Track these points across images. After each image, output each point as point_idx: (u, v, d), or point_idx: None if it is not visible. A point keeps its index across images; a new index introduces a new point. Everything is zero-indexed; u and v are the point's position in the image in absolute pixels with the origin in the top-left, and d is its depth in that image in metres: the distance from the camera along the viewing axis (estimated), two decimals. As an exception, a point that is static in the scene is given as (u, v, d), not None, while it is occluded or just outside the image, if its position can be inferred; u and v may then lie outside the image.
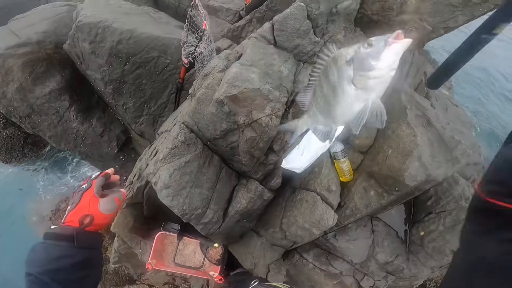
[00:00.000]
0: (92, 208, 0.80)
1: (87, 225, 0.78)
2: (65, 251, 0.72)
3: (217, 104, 1.48)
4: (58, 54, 3.18)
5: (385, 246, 2.13)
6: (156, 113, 3.23)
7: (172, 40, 2.83)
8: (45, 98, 3.14)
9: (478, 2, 2.05)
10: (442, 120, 2.02)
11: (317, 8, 1.93)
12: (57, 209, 4.34)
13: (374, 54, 0.58)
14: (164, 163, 1.78)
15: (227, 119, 1.53)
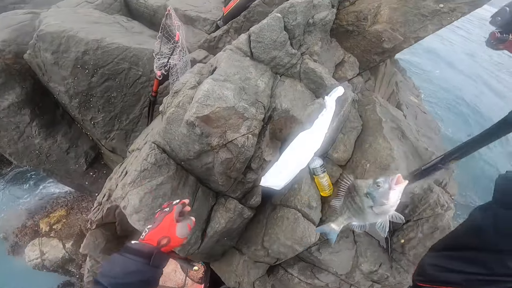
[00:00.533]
0: (170, 231, 0.87)
1: (163, 245, 0.85)
2: (140, 267, 0.78)
3: (188, 126, 1.38)
4: (18, 64, 2.90)
5: (368, 255, 2.13)
6: (128, 128, 3.02)
7: (144, 50, 2.67)
8: (3, 113, 2.86)
9: (446, 11, 2.11)
10: (414, 131, 2.05)
11: (294, 19, 1.89)
12: (23, 225, 4.07)
13: (384, 195, 0.83)
14: (133, 187, 1.64)
15: (199, 141, 1.43)
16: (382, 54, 2.28)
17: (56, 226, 3.97)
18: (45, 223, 3.99)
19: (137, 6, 3.59)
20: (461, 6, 2.04)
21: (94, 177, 3.70)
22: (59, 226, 3.96)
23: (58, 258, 3.65)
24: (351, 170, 1.97)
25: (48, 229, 3.92)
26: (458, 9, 2.06)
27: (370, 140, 1.91)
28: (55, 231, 3.89)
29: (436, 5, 2.06)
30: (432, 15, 2.13)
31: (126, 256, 0.79)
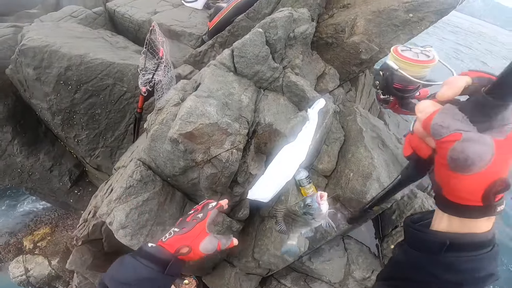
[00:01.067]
0: (195, 241, 0.77)
1: (181, 254, 0.76)
2: (154, 275, 0.71)
3: (171, 143, 1.38)
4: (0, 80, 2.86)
5: (360, 262, 2.15)
6: (114, 145, 2.98)
7: (129, 66, 2.67)
8: (-17, 131, 2.78)
9: (416, 21, 2.21)
10: (394, 139, 2.12)
11: (275, 34, 1.94)
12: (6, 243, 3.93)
13: (318, 210, 0.94)
14: (118, 203, 1.63)
15: (184, 157, 1.44)
16: (361, 65, 2.36)
17: (41, 243, 3.86)
18: (28, 240, 3.88)
19: (122, 21, 3.58)
20: (429, 15, 2.15)
21: (79, 195, 3.62)
22: (43, 244, 3.86)
23: (44, 275, 3.55)
24: (335, 180, 2.01)
25: (32, 247, 3.82)
26: (426, 18, 2.17)
27: (353, 150, 1.96)
28: (40, 248, 3.80)
29: (406, 15, 2.17)
30: (403, 25, 2.22)
31: (139, 261, 0.71)
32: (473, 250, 0.46)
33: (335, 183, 2.00)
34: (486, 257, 0.47)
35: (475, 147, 0.38)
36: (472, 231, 0.46)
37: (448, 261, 0.48)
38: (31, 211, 4.28)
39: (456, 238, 0.47)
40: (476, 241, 0.46)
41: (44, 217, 4.22)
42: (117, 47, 3.01)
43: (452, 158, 0.40)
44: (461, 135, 0.39)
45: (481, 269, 0.47)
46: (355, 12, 2.31)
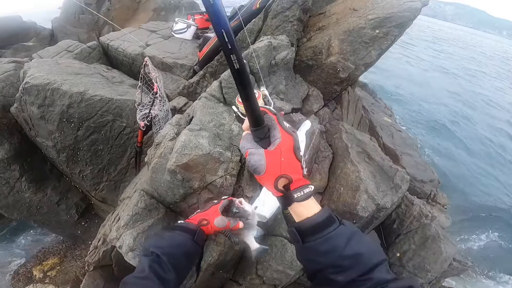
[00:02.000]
0: (211, 217, 1.03)
1: (203, 225, 1.00)
2: (185, 241, 0.93)
3: (170, 173, 1.51)
4: (5, 118, 2.91)
5: None
6: (117, 178, 3.05)
7: (127, 101, 2.77)
8: (-7, 169, 2.89)
9: (382, 36, 2.36)
10: (380, 152, 2.24)
11: (258, 63, 2.10)
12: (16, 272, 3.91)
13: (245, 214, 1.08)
14: (126, 228, 1.75)
15: (182, 185, 1.56)
16: (341, 83, 2.51)
17: (51, 273, 3.85)
18: (38, 270, 3.86)
19: (116, 55, 3.73)
20: (392, 29, 2.31)
21: (86, 227, 3.67)
22: (53, 273, 3.84)
23: None
24: (328, 195, 2.11)
25: (42, 276, 3.80)
26: (390, 32, 2.33)
27: (341, 165, 2.07)
28: (50, 278, 3.78)
29: (373, 31, 2.33)
30: (372, 41, 2.37)
31: (175, 231, 0.94)
32: (319, 232, 0.57)
33: (328, 199, 2.10)
34: (335, 235, 0.57)
35: (254, 157, 0.58)
36: (303, 218, 0.59)
37: (310, 246, 0.58)
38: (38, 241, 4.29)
39: (298, 225, 0.60)
40: (314, 223, 0.58)
41: (52, 248, 4.25)
42: (113, 82, 3.14)
43: (248, 166, 0.61)
44: (248, 151, 0.60)
45: (339, 246, 0.55)
46: (329, 34, 2.48)
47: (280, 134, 0.60)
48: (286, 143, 0.59)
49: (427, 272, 2.24)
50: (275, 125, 0.61)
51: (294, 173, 0.60)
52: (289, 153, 0.60)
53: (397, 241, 2.45)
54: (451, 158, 7.82)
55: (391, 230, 2.51)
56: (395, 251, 2.41)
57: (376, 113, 3.85)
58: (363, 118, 3.04)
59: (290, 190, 0.60)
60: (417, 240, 2.34)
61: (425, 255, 2.26)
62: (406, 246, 2.36)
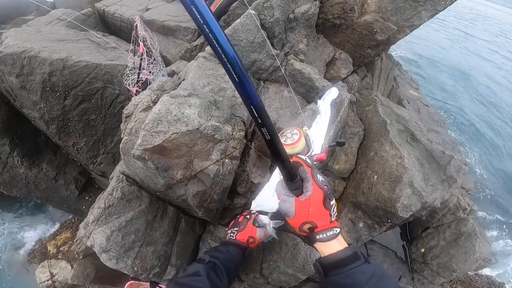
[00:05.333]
0: (253, 233, 1.13)
1: (251, 243, 1.12)
2: (238, 256, 1.04)
3: (138, 159, 1.00)
4: (-11, 90, 2.56)
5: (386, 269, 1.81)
6: (115, 150, 2.67)
7: (118, 67, 2.30)
8: (-20, 145, 2.52)
9: None
10: (425, 131, 1.65)
11: (271, 15, 1.51)
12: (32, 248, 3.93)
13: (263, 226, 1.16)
14: (97, 225, 1.30)
15: (160, 175, 1.05)
16: (377, 47, 1.90)
17: (63, 248, 3.80)
18: (52, 245, 3.84)
19: (113, 21, 3.23)
20: None
21: (90, 201, 3.37)
22: (66, 248, 3.79)
23: (67, 279, 3.40)
24: (355, 183, 1.58)
25: (55, 251, 3.77)
26: None
27: (375, 147, 1.52)
28: (63, 253, 3.73)
29: None
30: (424, 1, 1.79)
31: (229, 247, 1.03)
32: (341, 267, 0.61)
33: (355, 187, 1.57)
34: (358, 271, 0.60)
35: (285, 204, 0.67)
36: (327, 253, 0.65)
37: (332, 280, 0.62)
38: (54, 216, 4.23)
39: (321, 260, 0.66)
40: (337, 259, 0.63)
41: (64, 222, 4.14)
42: (105, 47, 2.64)
43: (279, 209, 0.69)
44: (281, 197, 0.68)
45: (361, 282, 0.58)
46: None
47: (311, 188, 0.65)
48: (316, 196, 0.65)
49: (452, 272, 1.86)
50: (308, 178, 0.67)
51: (321, 220, 0.65)
52: (318, 204, 0.65)
53: (423, 235, 2.01)
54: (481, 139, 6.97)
55: (418, 222, 2.05)
56: (419, 246, 1.99)
57: (402, 86, 3.19)
58: (393, 90, 2.44)
59: (314, 232, 0.65)
60: (448, 236, 1.89)
61: (455, 254, 1.86)
62: (434, 241, 1.93)
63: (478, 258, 1.73)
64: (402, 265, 1.96)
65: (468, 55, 13.52)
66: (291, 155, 0.87)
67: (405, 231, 2.07)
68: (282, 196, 0.67)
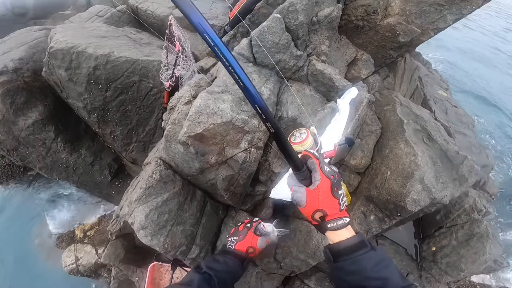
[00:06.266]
0: (253, 243, 1.07)
1: (251, 253, 1.05)
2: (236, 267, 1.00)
3: (182, 145, 1.23)
4: (38, 82, 2.91)
5: None
6: (146, 139, 2.97)
7: (152, 62, 2.58)
8: (29, 130, 2.91)
9: None
10: (443, 132, 1.75)
11: (296, 19, 1.68)
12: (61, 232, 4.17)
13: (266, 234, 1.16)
14: (138, 204, 1.55)
15: (197, 159, 1.28)
16: (399, 48, 2.00)
17: (90, 232, 4.08)
18: (79, 229, 4.11)
19: (145, 17, 3.51)
20: None
21: (119, 187, 3.72)
22: (92, 233, 4.06)
23: (91, 263, 3.71)
24: (370, 177, 1.72)
25: (82, 236, 4.04)
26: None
27: (391, 144, 1.65)
28: (89, 238, 4.00)
29: None
30: (449, 4, 1.86)
31: (227, 257, 1.01)
32: (348, 254, 0.66)
33: (369, 182, 1.72)
34: (364, 258, 0.64)
35: (297, 194, 0.74)
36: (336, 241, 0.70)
37: (339, 266, 0.66)
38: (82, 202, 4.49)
39: (331, 247, 0.71)
40: (345, 246, 0.67)
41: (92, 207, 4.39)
42: (140, 43, 2.93)
43: (292, 199, 0.76)
44: (293, 188, 0.75)
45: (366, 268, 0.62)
46: None
47: (319, 177, 0.72)
48: (324, 185, 0.71)
49: (460, 272, 1.92)
50: (316, 168, 0.73)
51: (330, 208, 0.71)
52: (326, 193, 0.71)
53: (436, 234, 2.09)
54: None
55: (432, 221, 2.13)
56: (431, 245, 2.08)
57: (430, 86, 3.20)
58: (417, 90, 2.50)
59: (325, 221, 0.71)
60: (461, 237, 1.97)
61: (465, 254, 1.92)
62: (445, 241, 2.01)
63: (488, 259, 1.79)
64: (412, 262, 2.04)
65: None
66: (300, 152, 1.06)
67: (418, 229, 2.17)
68: (293, 187, 0.74)
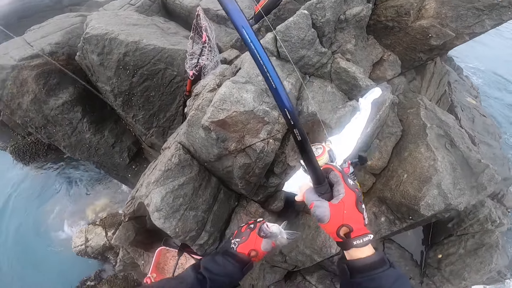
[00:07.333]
0: (256, 245, 1.01)
1: (253, 256, 1.00)
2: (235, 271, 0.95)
3: (204, 130, 1.34)
4: (70, 65, 3.17)
5: None
6: (166, 125, 3.15)
7: (178, 51, 2.73)
8: (58, 110, 3.17)
9: (506, 5, 1.79)
10: (467, 139, 1.75)
11: (323, 16, 1.73)
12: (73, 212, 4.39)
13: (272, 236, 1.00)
14: (156, 186, 1.67)
15: (217, 145, 1.38)
16: (430, 51, 2.00)
17: (101, 214, 4.23)
18: (91, 210, 4.29)
19: (173, 7, 3.68)
20: None
21: (135, 170, 3.93)
22: (104, 215, 4.21)
23: (99, 245, 3.86)
24: (385, 179, 1.76)
25: (94, 217, 4.22)
26: None
27: (411, 148, 1.67)
28: (101, 219, 4.14)
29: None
30: (489, 10, 1.84)
31: (227, 259, 0.97)
32: (368, 271, 0.65)
33: (384, 183, 1.76)
34: (383, 276, 0.65)
35: (319, 209, 0.68)
36: (357, 258, 0.67)
37: (357, 281, 0.66)
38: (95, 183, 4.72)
39: (350, 262, 0.69)
40: (365, 263, 0.66)
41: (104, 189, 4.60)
42: (168, 33, 3.09)
43: (313, 216, 0.70)
44: (313, 203, 0.70)
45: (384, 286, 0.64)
46: None
47: (344, 190, 0.68)
48: (349, 198, 0.68)
49: (462, 281, 1.93)
50: (340, 181, 0.70)
51: (356, 223, 0.68)
52: (351, 206, 0.68)
53: (445, 242, 2.11)
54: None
55: (443, 228, 2.15)
56: (438, 252, 2.10)
57: (458, 92, 3.13)
58: (445, 95, 2.46)
59: (350, 238, 0.68)
60: (469, 246, 1.98)
61: (470, 263, 1.93)
62: (453, 249, 2.03)
63: (493, 269, 1.79)
64: (415, 268, 2.06)
65: None
66: None
67: (427, 236, 2.17)
68: (314, 203, 0.69)
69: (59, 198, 4.62)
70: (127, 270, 2.92)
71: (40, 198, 4.67)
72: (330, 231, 0.70)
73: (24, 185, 4.79)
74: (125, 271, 3.16)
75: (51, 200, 4.62)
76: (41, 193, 4.71)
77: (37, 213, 4.51)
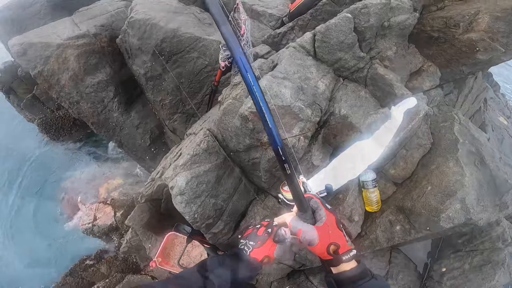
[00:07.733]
0: (270, 251, 0.99)
1: (265, 263, 0.99)
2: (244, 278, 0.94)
3: (241, 119, 1.41)
4: (111, 47, 3.36)
5: (399, 279, 1.97)
6: (190, 112, 3.27)
7: (213, 42, 2.83)
8: (93, 88, 3.35)
9: None
10: (497, 159, 1.73)
11: (367, 21, 1.76)
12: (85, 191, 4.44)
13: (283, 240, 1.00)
14: (183, 169, 1.75)
15: (250, 135, 1.46)
16: (474, 65, 1.97)
17: (113, 193, 4.27)
18: (104, 189, 4.36)
19: (209, -2, 3.77)
20: None
21: (154, 153, 4.05)
22: (115, 194, 4.25)
23: (106, 225, 3.90)
24: (407, 189, 1.78)
25: (106, 196, 4.27)
26: None
27: (439, 161, 1.68)
28: (112, 198, 4.18)
29: None
30: None
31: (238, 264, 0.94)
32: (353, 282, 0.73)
33: (405, 193, 1.77)
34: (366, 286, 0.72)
35: (308, 234, 0.78)
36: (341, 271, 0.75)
37: None
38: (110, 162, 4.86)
39: (336, 276, 0.76)
40: (350, 275, 0.74)
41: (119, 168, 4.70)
42: (204, 23, 3.20)
43: (302, 241, 0.80)
44: (301, 230, 0.80)
45: None
46: (478, 7, 1.91)
47: (325, 213, 0.79)
48: (331, 220, 0.79)
49: None
50: (320, 206, 0.81)
51: (340, 241, 0.78)
52: (334, 227, 0.79)
53: (452, 256, 2.07)
54: None
55: (453, 243, 2.13)
56: (442, 266, 2.05)
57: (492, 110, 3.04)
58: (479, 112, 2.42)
59: (339, 254, 0.76)
60: (476, 262, 1.95)
61: (472, 279, 1.90)
62: (458, 263, 2.01)
63: (493, 286, 1.78)
64: (417, 279, 2.04)
65: None
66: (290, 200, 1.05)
67: (435, 249, 2.16)
68: (301, 230, 0.79)
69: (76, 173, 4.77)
70: (131, 252, 3.02)
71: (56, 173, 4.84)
72: (320, 252, 0.78)
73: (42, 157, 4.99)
74: (128, 253, 3.23)
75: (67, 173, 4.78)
76: (59, 167, 4.90)
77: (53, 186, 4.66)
